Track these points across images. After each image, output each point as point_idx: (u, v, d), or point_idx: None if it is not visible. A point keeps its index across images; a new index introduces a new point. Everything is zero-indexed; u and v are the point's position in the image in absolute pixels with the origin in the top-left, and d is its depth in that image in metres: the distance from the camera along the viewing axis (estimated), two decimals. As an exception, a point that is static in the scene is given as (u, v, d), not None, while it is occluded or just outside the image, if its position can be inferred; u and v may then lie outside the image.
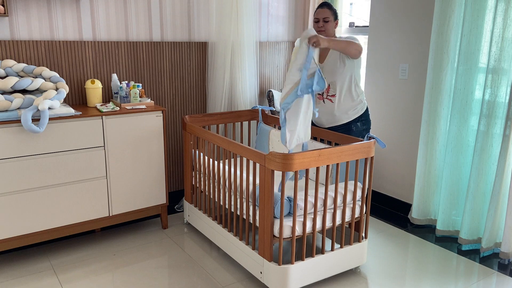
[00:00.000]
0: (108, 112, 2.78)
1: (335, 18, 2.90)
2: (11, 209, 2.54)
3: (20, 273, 2.58)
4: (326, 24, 2.86)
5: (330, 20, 2.86)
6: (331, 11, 2.87)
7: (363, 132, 2.90)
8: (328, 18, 2.86)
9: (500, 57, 2.67)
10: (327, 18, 2.85)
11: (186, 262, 2.73)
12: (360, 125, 2.89)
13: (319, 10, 2.89)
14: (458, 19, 2.89)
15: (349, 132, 2.89)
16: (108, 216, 2.88)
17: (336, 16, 2.90)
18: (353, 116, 2.88)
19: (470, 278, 2.61)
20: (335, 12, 2.90)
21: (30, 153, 2.54)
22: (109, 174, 2.82)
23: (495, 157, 2.80)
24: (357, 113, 2.89)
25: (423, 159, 3.15)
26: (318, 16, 2.88)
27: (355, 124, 2.88)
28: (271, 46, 3.91)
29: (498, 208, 2.77)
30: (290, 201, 2.28)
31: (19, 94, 2.59)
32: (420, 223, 3.27)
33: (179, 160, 3.61)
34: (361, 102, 2.90)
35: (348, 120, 2.89)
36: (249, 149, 2.38)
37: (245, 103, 3.59)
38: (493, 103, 2.74)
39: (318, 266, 2.42)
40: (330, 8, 2.88)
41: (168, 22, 3.37)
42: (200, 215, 2.99)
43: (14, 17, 2.80)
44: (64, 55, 2.98)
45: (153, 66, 3.35)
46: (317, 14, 2.89)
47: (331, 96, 2.87)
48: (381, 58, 3.49)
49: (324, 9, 2.88)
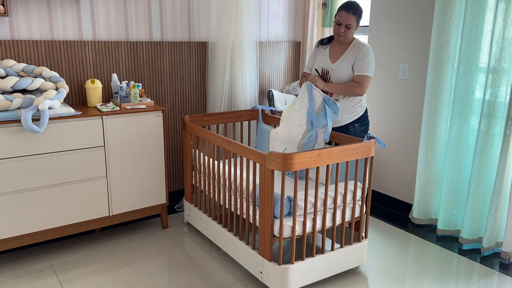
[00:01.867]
0: (108, 112, 2.78)
1: (358, 23, 2.71)
2: (11, 209, 2.54)
3: (20, 273, 2.58)
4: (347, 31, 2.70)
5: (353, 26, 2.69)
6: (355, 16, 2.66)
7: (361, 133, 2.89)
8: (351, 25, 2.68)
9: (500, 57, 2.67)
10: (350, 25, 2.68)
11: (186, 262, 2.73)
12: (358, 126, 2.88)
13: (344, 13, 2.66)
14: (458, 19, 2.89)
15: (347, 133, 2.87)
16: (108, 216, 2.88)
17: (359, 20, 2.71)
18: (352, 118, 2.87)
19: (471, 278, 2.61)
20: (359, 16, 2.69)
21: (30, 153, 2.54)
22: (109, 174, 2.82)
23: (496, 156, 2.80)
24: (356, 115, 2.87)
25: (424, 159, 3.15)
26: (341, 21, 2.68)
27: (353, 125, 2.88)
28: (271, 46, 3.91)
29: (499, 207, 2.77)
30: (290, 201, 2.28)
31: (19, 94, 2.59)
32: (420, 223, 3.27)
33: (179, 160, 3.61)
34: (361, 105, 2.89)
35: (346, 122, 2.88)
36: (249, 149, 2.38)
37: (245, 103, 3.59)
38: (493, 103, 2.73)
39: (318, 266, 2.41)
40: (355, 13, 2.65)
41: (168, 22, 3.37)
42: (200, 215, 2.99)
43: (14, 17, 2.80)
44: (64, 55, 2.98)
45: (153, 66, 3.35)
46: (341, 17, 2.67)
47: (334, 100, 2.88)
48: (381, 58, 3.49)
49: (349, 14, 2.65)
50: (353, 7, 2.67)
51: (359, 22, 2.73)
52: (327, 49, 2.89)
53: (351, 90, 2.73)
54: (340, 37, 2.74)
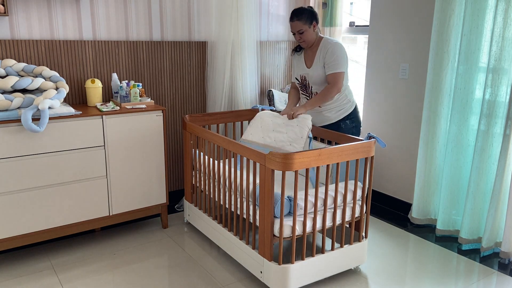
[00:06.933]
0: (108, 111, 2.78)
1: (310, 24, 2.77)
2: (11, 209, 2.54)
3: (20, 273, 2.58)
4: (302, 35, 2.79)
5: (305, 29, 2.76)
6: (301, 21, 2.75)
7: (353, 130, 2.96)
8: (302, 29, 2.77)
9: (500, 56, 2.67)
10: (301, 30, 2.77)
11: (186, 262, 2.73)
12: (349, 123, 2.95)
13: (291, 24, 2.79)
14: (458, 18, 2.89)
15: (339, 130, 2.94)
16: (108, 215, 2.88)
17: (311, 20, 2.76)
18: (342, 115, 2.93)
19: (470, 277, 2.61)
20: (307, 17, 2.75)
21: (30, 153, 2.54)
22: (109, 173, 2.82)
23: (496, 156, 2.80)
24: (346, 111, 2.93)
25: (423, 158, 3.15)
26: (292, 30, 2.80)
27: (344, 122, 2.93)
28: (271, 45, 3.91)
29: (499, 207, 2.77)
30: (290, 200, 2.28)
31: (19, 93, 2.59)
32: (420, 223, 3.27)
33: (179, 160, 3.61)
34: (349, 101, 2.94)
35: (337, 119, 2.94)
36: (249, 149, 2.38)
37: (245, 103, 3.59)
38: (493, 102, 2.74)
39: (318, 266, 2.42)
40: (300, 19, 2.75)
41: (168, 22, 3.36)
42: (200, 214, 2.99)
43: (14, 16, 2.80)
44: (64, 55, 2.98)
45: (153, 65, 3.35)
46: (291, 28, 2.80)
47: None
48: (381, 57, 3.49)
49: (294, 22, 2.76)
50: (295, 14, 2.77)
51: (311, 22, 2.77)
52: (302, 55, 2.97)
53: (328, 95, 2.78)
54: (302, 43, 2.83)
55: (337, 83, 2.77)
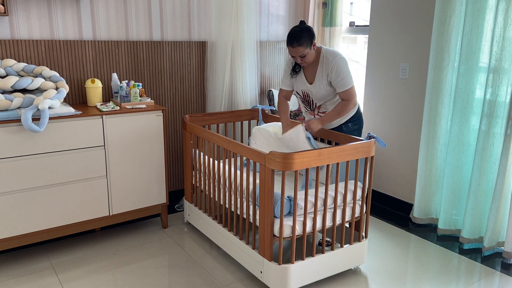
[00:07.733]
0: (108, 111, 2.78)
1: (311, 45, 2.61)
2: (11, 208, 2.54)
3: (20, 273, 2.58)
4: (304, 58, 2.65)
5: (307, 52, 2.61)
6: (302, 46, 2.58)
7: (355, 132, 2.89)
8: (304, 53, 2.60)
9: (501, 56, 2.66)
10: (303, 54, 2.61)
11: (186, 262, 2.73)
12: (351, 125, 2.88)
13: (291, 49, 2.62)
14: (458, 18, 2.89)
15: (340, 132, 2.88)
16: (108, 215, 2.88)
17: (311, 41, 2.61)
18: (344, 119, 2.87)
19: (472, 277, 2.60)
20: (307, 39, 2.59)
21: (30, 153, 2.54)
22: (109, 173, 2.82)
23: (497, 156, 2.79)
24: (348, 115, 2.86)
25: (424, 158, 3.15)
26: (293, 55, 2.64)
27: (346, 125, 2.87)
28: (271, 45, 3.91)
29: (500, 207, 2.76)
30: (290, 200, 2.28)
31: (19, 93, 2.59)
32: (421, 222, 3.26)
33: (179, 160, 3.61)
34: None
35: (339, 123, 2.88)
36: (249, 149, 2.37)
37: (245, 103, 3.58)
38: (494, 102, 2.73)
39: (318, 266, 2.41)
40: (300, 44, 2.57)
41: (168, 22, 3.36)
42: (200, 214, 2.99)
43: (14, 16, 2.80)
44: (64, 55, 2.98)
45: (153, 65, 3.35)
46: (291, 53, 2.64)
47: (322, 113, 2.87)
48: (381, 57, 3.48)
49: (295, 48, 2.59)
50: (295, 39, 2.58)
51: (311, 42, 2.62)
52: (301, 71, 2.84)
53: (345, 110, 2.70)
54: (303, 64, 2.71)
55: (351, 98, 2.69)
